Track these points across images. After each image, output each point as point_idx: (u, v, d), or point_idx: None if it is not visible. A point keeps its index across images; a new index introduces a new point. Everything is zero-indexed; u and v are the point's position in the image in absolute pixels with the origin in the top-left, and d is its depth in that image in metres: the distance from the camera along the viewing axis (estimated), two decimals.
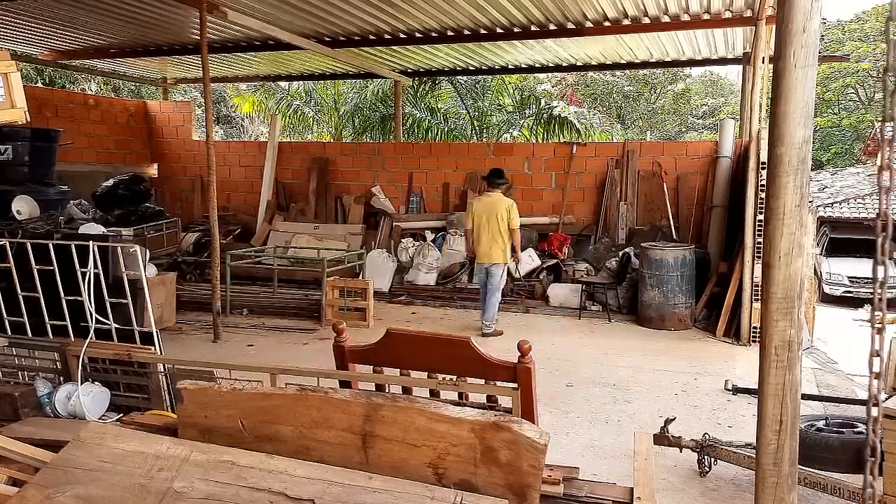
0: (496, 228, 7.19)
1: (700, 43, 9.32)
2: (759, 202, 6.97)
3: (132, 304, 3.79)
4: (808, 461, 3.33)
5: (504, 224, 7.20)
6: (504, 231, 7.21)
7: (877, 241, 1.35)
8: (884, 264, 1.36)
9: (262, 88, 16.32)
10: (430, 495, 1.84)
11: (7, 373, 3.78)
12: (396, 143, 11.99)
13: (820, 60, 5.76)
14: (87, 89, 18.52)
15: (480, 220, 7.25)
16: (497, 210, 7.20)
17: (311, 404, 2.08)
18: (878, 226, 1.33)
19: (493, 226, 7.19)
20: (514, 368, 2.52)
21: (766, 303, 1.86)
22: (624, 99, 27.01)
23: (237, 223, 11.53)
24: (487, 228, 7.21)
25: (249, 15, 7.65)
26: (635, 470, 2.28)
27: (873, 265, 1.38)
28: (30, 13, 8.17)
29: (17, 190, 6.96)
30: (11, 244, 4.01)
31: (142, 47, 10.15)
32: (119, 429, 2.25)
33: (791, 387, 1.84)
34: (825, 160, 24.86)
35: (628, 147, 10.00)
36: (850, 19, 26.54)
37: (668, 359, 6.54)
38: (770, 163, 1.85)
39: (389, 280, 9.83)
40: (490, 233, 7.21)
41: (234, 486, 1.90)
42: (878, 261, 1.34)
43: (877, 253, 1.34)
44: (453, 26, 8.61)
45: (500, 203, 7.26)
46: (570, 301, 8.78)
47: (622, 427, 4.74)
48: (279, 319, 8.01)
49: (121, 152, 12.08)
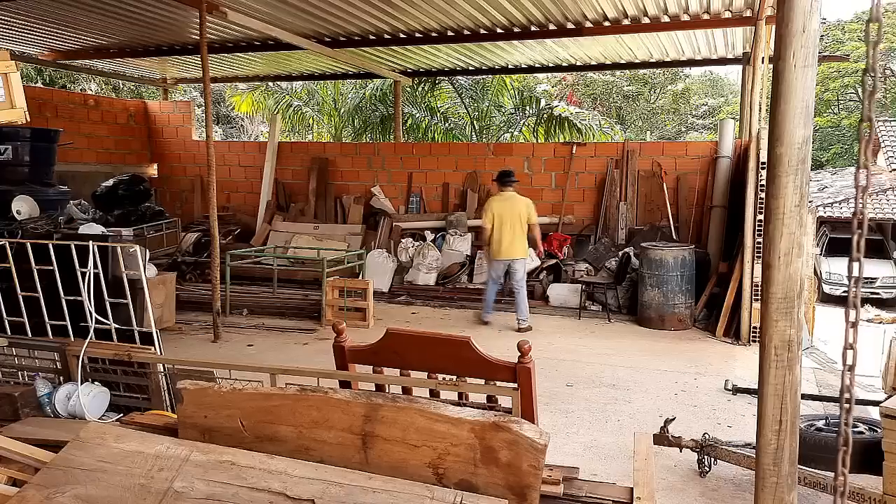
0: (517, 225, 7.47)
1: (700, 43, 9.32)
2: (759, 202, 6.97)
3: (132, 304, 3.79)
4: (808, 461, 3.33)
5: (524, 220, 7.51)
6: (524, 227, 7.52)
7: (852, 239, 1.35)
8: (858, 261, 1.36)
9: (260, 88, 16.31)
10: (430, 495, 1.84)
11: (7, 373, 3.78)
12: (396, 143, 11.99)
13: (820, 60, 5.77)
14: (87, 89, 18.54)
15: (501, 218, 7.49)
16: (517, 208, 7.50)
17: (311, 404, 2.08)
18: (854, 223, 1.34)
19: (514, 223, 7.47)
20: (514, 368, 2.51)
21: (766, 303, 1.86)
22: (624, 99, 27.03)
23: (237, 223, 11.53)
24: (509, 226, 7.46)
25: (249, 15, 7.65)
26: (635, 470, 2.28)
27: (848, 263, 1.38)
28: (30, 13, 8.16)
29: (16, 190, 6.96)
30: (11, 244, 4.01)
31: (142, 47, 10.16)
32: (119, 429, 2.25)
33: (791, 387, 1.84)
34: (825, 160, 24.86)
35: (628, 147, 10.00)
36: (850, 19, 26.56)
37: (668, 359, 6.54)
38: (770, 163, 1.85)
39: (389, 280, 9.84)
40: (512, 230, 7.47)
41: (234, 486, 1.90)
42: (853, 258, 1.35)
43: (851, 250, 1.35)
44: (453, 26, 8.62)
45: (519, 201, 7.57)
46: (570, 301, 8.78)
47: (622, 427, 4.74)
48: (279, 319, 8.01)
49: (121, 152, 12.08)
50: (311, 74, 12.75)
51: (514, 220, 7.46)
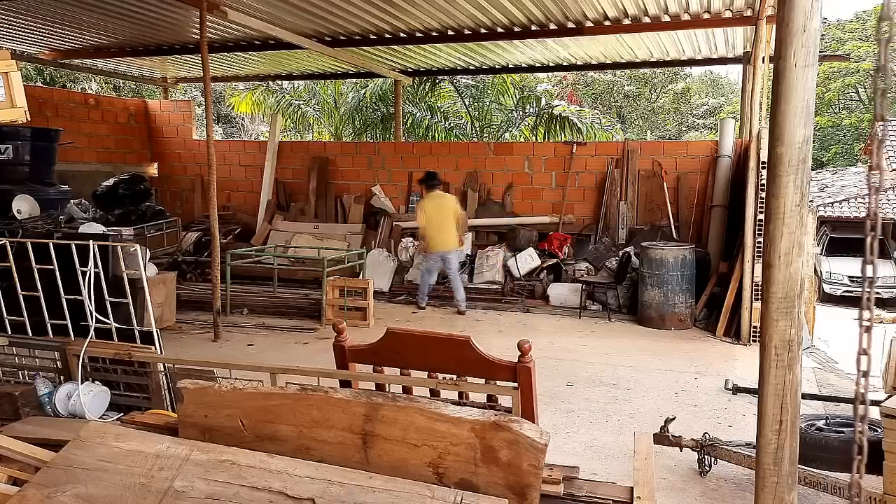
0: (449, 220, 8.28)
1: (700, 42, 9.31)
2: (759, 202, 6.96)
3: (132, 304, 3.79)
4: (808, 461, 3.33)
5: (454, 215, 8.34)
6: (454, 222, 8.33)
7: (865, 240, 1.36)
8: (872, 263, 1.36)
9: (260, 88, 16.31)
10: (430, 495, 1.84)
11: (7, 372, 3.78)
12: (396, 143, 11.99)
13: (820, 60, 5.77)
14: (88, 88, 18.53)
15: (435, 216, 8.29)
16: (447, 205, 8.38)
17: (311, 404, 2.08)
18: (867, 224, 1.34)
19: (446, 219, 8.27)
20: (515, 368, 2.51)
21: (767, 302, 1.86)
22: (624, 98, 27.02)
23: (237, 223, 11.53)
24: (442, 222, 8.27)
25: (250, 14, 7.65)
26: (635, 469, 2.28)
27: (862, 263, 1.38)
28: (30, 12, 8.16)
29: (17, 189, 6.96)
30: (12, 244, 4.01)
31: (142, 47, 10.15)
32: (119, 428, 2.25)
33: (791, 386, 1.85)
34: (826, 160, 24.85)
35: (628, 147, 9.99)
36: (851, 18, 26.56)
37: (668, 358, 6.54)
38: (770, 162, 1.85)
39: (390, 279, 9.84)
40: (445, 225, 8.28)
41: (234, 486, 1.90)
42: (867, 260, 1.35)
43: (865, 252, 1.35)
44: (454, 26, 8.61)
45: (447, 199, 8.54)
46: (571, 301, 8.79)
47: (622, 426, 4.74)
48: (279, 319, 8.01)
49: (121, 152, 12.08)
50: (311, 74, 12.74)
51: (446, 216, 8.27)
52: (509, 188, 10.49)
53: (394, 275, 9.93)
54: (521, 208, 10.42)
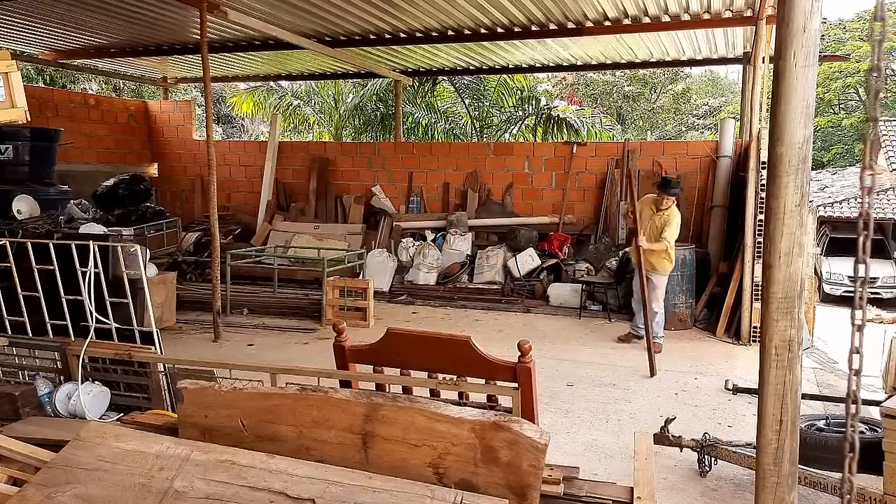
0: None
1: (700, 42, 9.31)
2: (759, 202, 6.96)
3: (132, 304, 3.80)
4: (808, 461, 3.33)
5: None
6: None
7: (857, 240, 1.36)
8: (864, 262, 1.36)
9: (260, 89, 16.30)
10: (431, 495, 1.84)
11: (7, 372, 3.78)
12: (396, 143, 11.99)
13: (820, 60, 5.76)
14: (88, 89, 18.54)
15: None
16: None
17: (311, 404, 2.08)
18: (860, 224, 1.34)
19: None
20: (515, 368, 2.51)
21: (767, 302, 1.86)
22: (624, 99, 27.02)
23: (237, 223, 11.53)
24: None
25: (250, 14, 7.65)
26: (635, 469, 2.28)
27: (854, 263, 1.38)
28: (30, 13, 8.16)
29: (17, 189, 6.96)
30: (12, 244, 4.01)
31: (142, 47, 10.15)
32: (119, 428, 2.25)
33: (791, 386, 1.85)
34: (826, 160, 24.85)
35: (628, 147, 9.99)
36: (851, 18, 26.53)
37: (668, 358, 6.53)
38: (770, 162, 1.85)
39: (389, 280, 9.83)
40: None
41: (234, 486, 1.90)
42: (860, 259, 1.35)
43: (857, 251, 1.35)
44: (454, 26, 8.61)
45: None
46: (571, 301, 8.78)
47: (622, 426, 4.74)
48: (279, 319, 8.01)
49: (121, 152, 12.08)
50: (311, 74, 12.74)
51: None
52: (509, 188, 10.49)
53: (394, 275, 9.93)
54: (521, 208, 10.42)
